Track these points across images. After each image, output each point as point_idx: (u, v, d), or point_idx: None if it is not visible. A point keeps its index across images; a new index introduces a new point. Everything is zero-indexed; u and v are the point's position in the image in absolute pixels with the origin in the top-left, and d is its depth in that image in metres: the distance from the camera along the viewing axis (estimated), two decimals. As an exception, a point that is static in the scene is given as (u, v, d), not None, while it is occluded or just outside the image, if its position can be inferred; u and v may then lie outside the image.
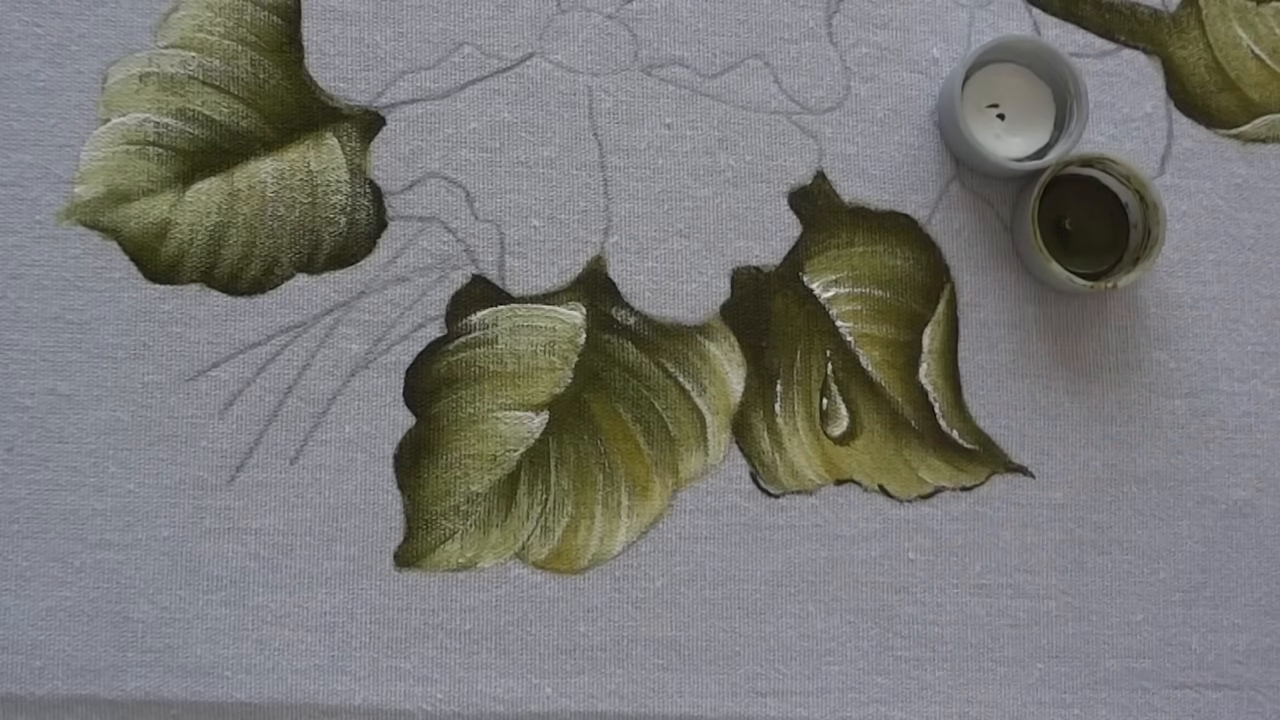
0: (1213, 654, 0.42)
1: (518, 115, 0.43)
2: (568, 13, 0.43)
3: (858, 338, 0.43)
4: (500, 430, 0.42)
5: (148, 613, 0.42)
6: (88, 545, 0.42)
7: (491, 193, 0.43)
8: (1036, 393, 0.43)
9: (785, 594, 0.42)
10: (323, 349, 0.42)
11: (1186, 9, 0.44)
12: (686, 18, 0.43)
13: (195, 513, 0.42)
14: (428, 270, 0.43)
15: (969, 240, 0.43)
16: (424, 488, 0.42)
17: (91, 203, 0.42)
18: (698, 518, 0.42)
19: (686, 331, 0.43)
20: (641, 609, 0.42)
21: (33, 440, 0.42)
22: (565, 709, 0.41)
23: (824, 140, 0.43)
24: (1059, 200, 0.42)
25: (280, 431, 0.42)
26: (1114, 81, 0.44)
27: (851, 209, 0.43)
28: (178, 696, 0.41)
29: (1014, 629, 0.42)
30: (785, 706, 0.42)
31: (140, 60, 0.43)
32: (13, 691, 0.41)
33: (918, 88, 0.43)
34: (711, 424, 0.42)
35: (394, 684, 0.41)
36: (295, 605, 0.42)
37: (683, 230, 0.43)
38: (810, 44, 0.43)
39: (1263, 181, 0.43)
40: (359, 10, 0.43)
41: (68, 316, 0.42)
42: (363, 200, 0.43)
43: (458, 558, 0.42)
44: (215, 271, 0.42)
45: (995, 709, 0.42)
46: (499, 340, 0.42)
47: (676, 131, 0.43)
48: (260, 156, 0.43)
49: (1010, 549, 0.42)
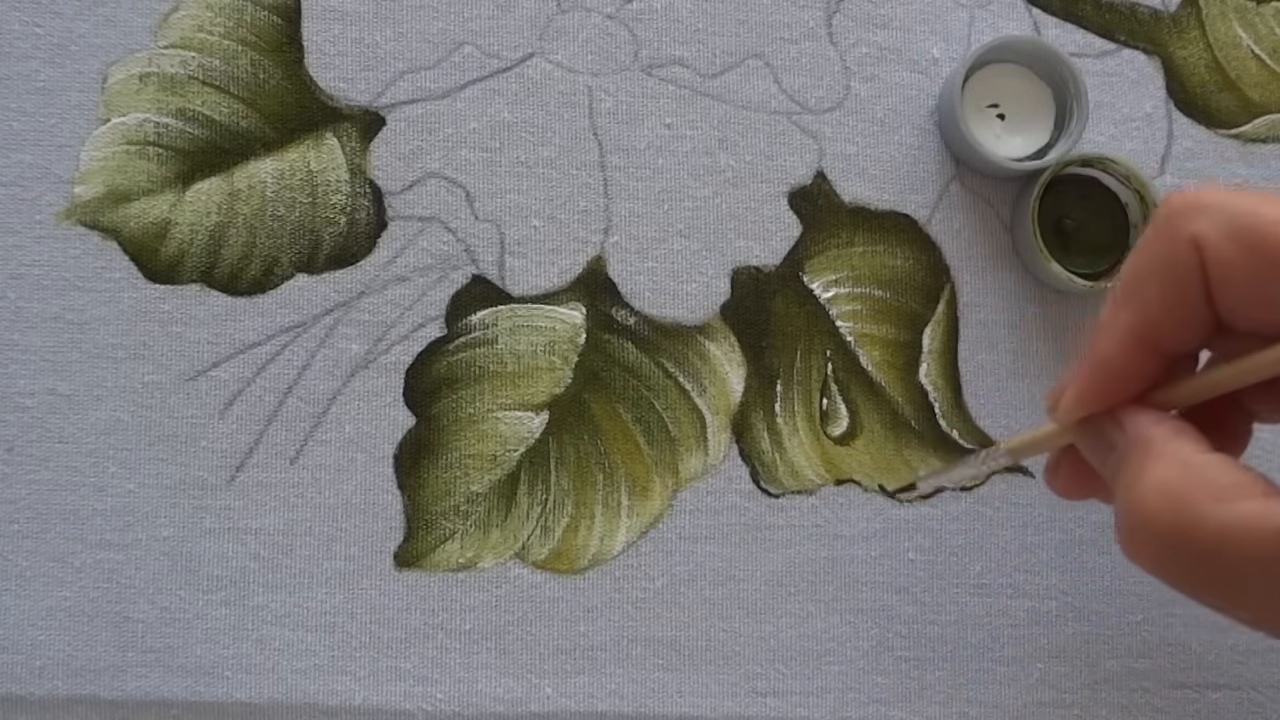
0: (1213, 654, 0.42)
1: (518, 115, 0.43)
2: (568, 13, 0.43)
3: (858, 338, 0.43)
4: (500, 430, 0.42)
5: (148, 613, 0.42)
6: (88, 545, 0.42)
7: (491, 193, 0.43)
8: (1036, 393, 0.43)
9: (785, 594, 0.42)
10: (323, 349, 0.42)
11: (1186, 9, 0.44)
12: (686, 18, 0.43)
13: (195, 513, 0.42)
14: (428, 270, 0.43)
15: (969, 240, 0.43)
16: (424, 488, 0.42)
17: (91, 203, 0.43)
18: (698, 518, 0.42)
19: (686, 331, 0.43)
20: (641, 609, 0.42)
21: (33, 440, 0.42)
22: (565, 709, 0.41)
23: (824, 140, 0.43)
24: (1059, 200, 0.42)
25: (280, 431, 0.42)
26: (1114, 81, 0.44)
27: (851, 209, 0.43)
28: (178, 696, 0.41)
29: (1014, 629, 0.42)
30: (785, 706, 0.42)
31: (140, 60, 0.43)
32: (13, 691, 0.41)
33: (918, 88, 0.43)
34: (711, 424, 0.42)
35: (394, 684, 0.41)
36: (295, 605, 0.42)
37: (683, 230, 0.43)
38: (810, 44, 0.43)
39: (1263, 181, 0.43)
40: (359, 10, 0.43)
41: (68, 316, 0.42)
42: (363, 200, 0.43)
43: (458, 558, 0.42)
44: (215, 271, 0.42)
45: (995, 709, 0.42)
46: (499, 340, 0.42)
47: (676, 131, 0.43)
48: (260, 156, 0.43)
49: (1010, 549, 0.42)
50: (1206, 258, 0.28)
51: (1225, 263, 0.27)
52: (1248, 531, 0.26)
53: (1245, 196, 0.28)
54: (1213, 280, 0.28)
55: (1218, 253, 0.27)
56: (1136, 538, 0.29)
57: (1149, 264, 0.29)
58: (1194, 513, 0.27)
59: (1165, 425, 0.30)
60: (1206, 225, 0.28)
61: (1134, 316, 0.29)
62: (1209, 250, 0.28)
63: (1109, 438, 0.31)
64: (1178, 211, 0.28)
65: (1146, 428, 0.30)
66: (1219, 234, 0.27)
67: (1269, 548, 0.26)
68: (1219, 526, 0.27)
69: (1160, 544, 0.28)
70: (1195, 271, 0.28)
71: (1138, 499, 0.28)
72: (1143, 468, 0.29)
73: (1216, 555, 0.27)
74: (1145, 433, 0.30)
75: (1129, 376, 0.30)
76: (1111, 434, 0.31)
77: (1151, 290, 0.29)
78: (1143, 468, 0.29)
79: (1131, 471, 0.29)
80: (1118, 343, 0.30)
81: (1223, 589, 0.28)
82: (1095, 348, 0.31)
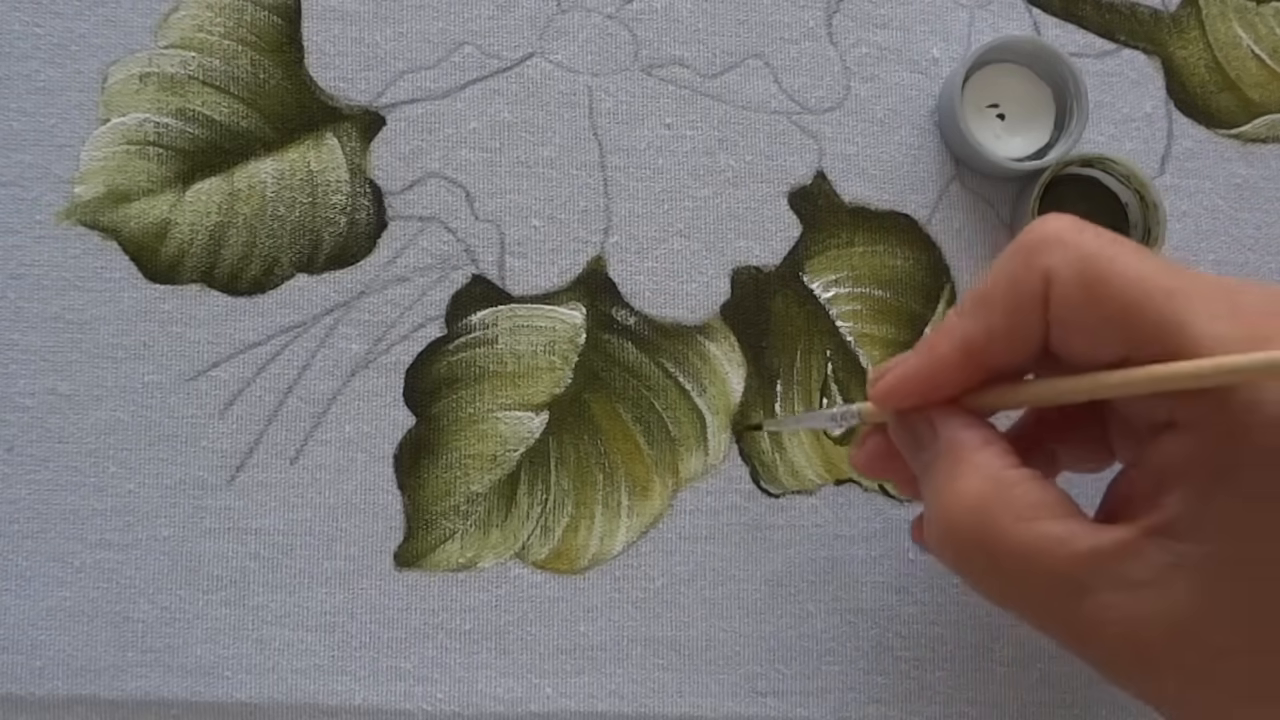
0: (1213, 654, 0.42)
1: (518, 115, 0.43)
2: (568, 13, 0.43)
3: (858, 338, 0.43)
4: (500, 430, 0.42)
5: (148, 613, 0.42)
6: (88, 545, 0.42)
7: (491, 193, 0.43)
8: (1036, 393, 0.43)
9: (785, 594, 0.42)
10: (323, 349, 0.42)
11: (1186, 9, 0.44)
12: (686, 18, 0.43)
13: (195, 513, 0.42)
14: (428, 270, 0.43)
15: (969, 240, 0.43)
16: (424, 488, 0.42)
17: (91, 203, 0.43)
18: (698, 518, 0.42)
19: (686, 331, 0.43)
20: (641, 609, 0.42)
21: (33, 440, 0.42)
22: (565, 709, 0.41)
23: (824, 140, 0.43)
24: (1059, 200, 0.42)
25: (280, 431, 0.42)
26: (1114, 81, 0.44)
27: (851, 209, 0.43)
28: (178, 696, 0.41)
29: (1014, 629, 0.42)
30: (785, 706, 0.42)
31: (140, 60, 0.43)
32: (13, 691, 0.41)
33: (918, 88, 0.43)
34: (711, 424, 0.42)
35: (394, 684, 0.41)
36: (295, 605, 0.42)
37: (683, 230, 0.43)
38: (810, 44, 0.44)
39: (1263, 181, 0.43)
40: (359, 10, 0.43)
41: (68, 316, 0.42)
42: (363, 200, 0.43)
43: (458, 558, 0.42)
44: (215, 271, 0.42)
45: (995, 709, 0.42)
46: (499, 340, 0.42)
47: (676, 131, 0.43)
48: (260, 156, 0.43)
49: (1010, 549, 0.42)
50: (1052, 291, 0.29)
51: (1067, 298, 0.29)
52: (1043, 553, 0.28)
53: (1101, 238, 0.29)
54: (1052, 311, 0.29)
55: (1063, 288, 0.29)
56: (942, 541, 0.30)
57: (999, 285, 0.30)
58: (996, 528, 0.29)
59: (975, 432, 0.31)
60: (1060, 260, 0.29)
61: (974, 327, 0.31)
62: (1055, 284, 0.29)
63: (920, 435, 0.32)
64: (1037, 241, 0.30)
65: (957, 430, 0.31)
66: (1069, 270, 0.29)
67: (1062, 569, 0.28)
68: (1018, 544, 0.28)
69: (962, 552, 0.30)
70: (1039, 300, 0.29)
71: (945, 506, 0.30)
72: (952, 475, 0.30)
73: (1014, 571, 0.29)
74: (956, 436, 0.31)
75: (950, 381, 0.32)
76: (924, 433, 0.32)
77: (995, 308, 0.30)
78: (952, 475, 0.30)
79: (941, 476, 0.31)
80: (950, 347, 0.31)
81: (1019, 602, 0.29)
82: (931, 345, 0.32)
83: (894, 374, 0.32)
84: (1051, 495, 0.29)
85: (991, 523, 0.29)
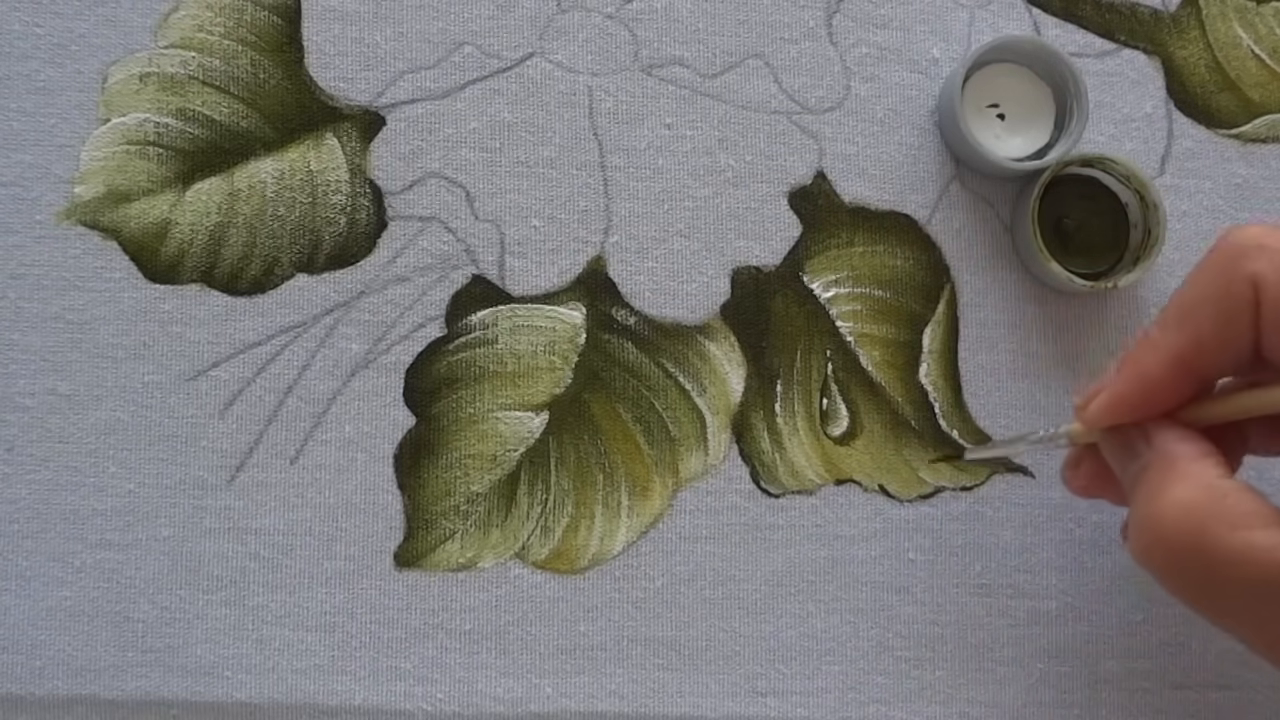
0: (1213, 654, 0.42)
1: (518, 115, 0.43)
2: (568, 13, 0.43)
3: (858, 338, 0.43)
4: (500, 430, 0.42)
5: (148, 613, 0.42)
6: (88, 545, 0.42)
7: (491, 193, 0.43)
8: (1036, 393, 0.43)
9: (785, 594, 0.42)
10: (323, 349, 0.42)
11: (1186, 9, 0.44)
12: (686, 18, 0.43)
13: (195, 513, 0.42)
14: (428, 270, 0.43)
15: (969, 240, 0.43)
16: (424, 488, 0.42)
17: (91, 203, 0.43)
18: (698, 518, 0.42)
19: (686, 331, 0.43)
20: (641, 609, 0.42)
21: (33, 440, 0.42)
22: (565, 709, 0.41)
23: (824, 140, 0.43)
24: (1059, 200, 0.42)
25: (280, 431, 0.42)
26: (1114, 81, 0.44)
27: (851, 209, 0.43)
28: (178, 696, 0.41)
29: (1014, 629, 0.42)
30: (785, 706, 0.42)
31: (140, 60, 0.43)
32: (13, 691, 0.41)
33: (918, 88, 0.43)
34: (711, 424, 0.42)
35: (394, 684, 0.41)
36: (295, 605, 0.42)
37: (683, 230, 0.43)
38: (810, 44, 0.43)
39: (1263, 181, 0.43)
40: (359, 10, 0.43)
41: (68, 316, 0.42)
42: (363, 200, 0.43)
43: (458, 558, 0.42)
44: (215, 271, 0.42)
45: (995, 709, 0.42)
46: (499, 340, 0.42)
47: (676, 131, 0.43)
48: (260, 156, 0.43)
49: (1010, 549, 0.42)
50: (1262, 296, 0.29)
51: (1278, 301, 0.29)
52: (1256, 560, 0.28)
53: None
54: (1264, 318, 0.30)
55: (1273, 292, 0.29)
56: (1151, 548, 0.30)
57: (1204, 293, 0.31)
58: (1210, 535, 0.29)
59: (1191, 444, 0.31)
60: (1267, 265, 0.29)
61: (1182, 340, 0.31)
62: (1265, 290, 0.29)
63: (1134, 448, 0.32)
64: (1238, 249, 0.30)
65: (1173, 444, 0.31)
66: (1278, 275, 0.29)
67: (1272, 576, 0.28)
68: (1231, 551, 0.29)
69: (1173, 558, 0.30)
70: (1249, 307, 0.30)
71: (1157, 512, 0.30)
72: (1165, 483, 0.30)
73: (1224, 577, 0.29)
74: (1171, 449, 0.31)
75: (1164, 394, 0.32)
76: (1138, 445, 0.32)
77: (1204, 319, 0.31)
78: (1165, 483, 0.30)
79: (1153, 484, 0.31)
80: (1161, 362, 0.31)
81: (1225, 608, 0.30)
82: (1137, 362, 0.32)
83: (1106, 395, 0.33)
84: (1265, 505, 0.29)
85: (1204, 530, 0.29)
